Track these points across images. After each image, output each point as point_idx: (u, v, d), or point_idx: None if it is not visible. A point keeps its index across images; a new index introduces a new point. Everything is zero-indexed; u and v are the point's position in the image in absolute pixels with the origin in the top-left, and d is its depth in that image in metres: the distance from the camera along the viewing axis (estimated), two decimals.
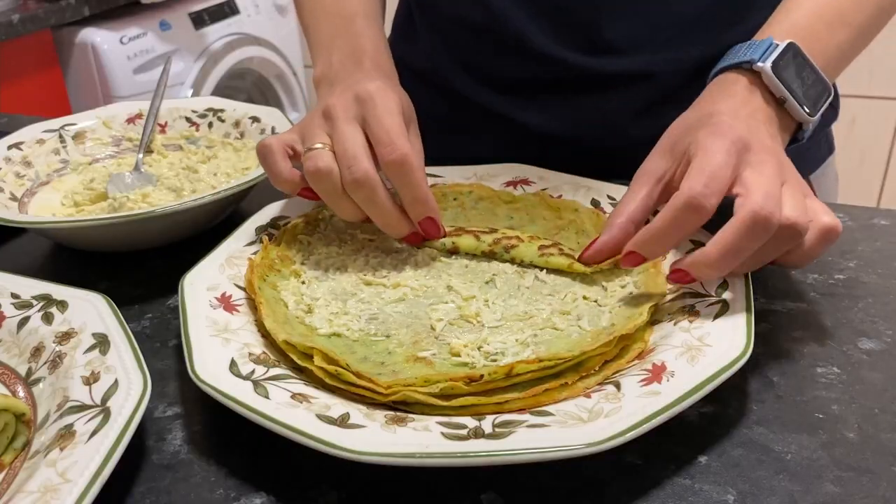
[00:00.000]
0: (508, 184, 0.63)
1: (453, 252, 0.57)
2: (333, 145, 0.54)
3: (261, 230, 0.58)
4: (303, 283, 0.54)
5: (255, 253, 0.55)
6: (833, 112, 0.81)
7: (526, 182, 0.63)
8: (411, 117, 0.58)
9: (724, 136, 0.48)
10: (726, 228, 0.45)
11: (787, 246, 0.47)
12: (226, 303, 0.50)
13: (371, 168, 0.52)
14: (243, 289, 0.52)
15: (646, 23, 0.70)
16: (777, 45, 0.53)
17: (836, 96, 0.80)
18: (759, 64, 0.52)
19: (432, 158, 0.60)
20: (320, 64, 0.63)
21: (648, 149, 0.53)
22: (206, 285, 0.51)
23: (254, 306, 0.50)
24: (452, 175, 0.65)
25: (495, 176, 0.64)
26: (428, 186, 0.54)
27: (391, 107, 0.54)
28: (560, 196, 0.61)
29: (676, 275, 0.48)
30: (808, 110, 0.53)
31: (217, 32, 2.23)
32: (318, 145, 0.53)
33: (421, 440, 0.38)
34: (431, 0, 0.79)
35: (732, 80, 0.54)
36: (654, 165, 0.51)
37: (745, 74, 0.53)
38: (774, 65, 0.52)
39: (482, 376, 0.41)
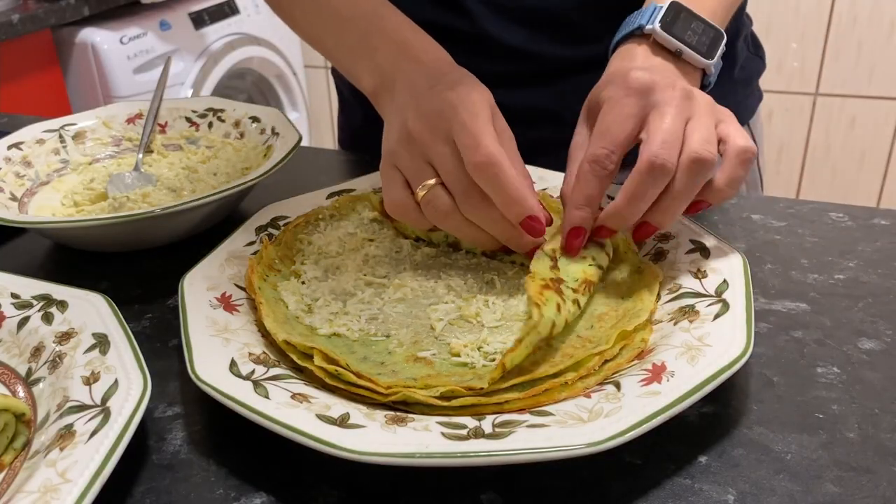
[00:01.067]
0: None
1: (454, 247, 0.57)
2: (437, 170, 0.51)
3: (261, 230, 0.58)
4: (303, 283, 0.54)
5: (255, 253, 0.55)
6: (762, 63, 0.87)
7: None
8: (494, 106, 0.54)
9: (626, 86, 0.50)
10: (629, 177, 0.48)
11: (701, 178, 0.48)
12: (226, 303, 0.50)
13: (494, 148, 0.49)
14: (243, 289, 0.52)
15: (620, 10, 0.68)
16: (661, 7, 0.56)
17: (759, 46, 0.86)
18: (649, 27, 0.55)
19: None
20: (366, 74, 0.59)
21: None
22: (206, 285, 0.51)
23: (254, 306, 0.50)
24: None
25: None
26: (524, 183, 0.50)
27: (475, 107, 0.50)
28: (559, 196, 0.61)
29: (599, 231, 0.51)
30: (704, 56, 0.56)
31: (217, 32, 2.23)
32: (431, 182, 0.51)
33: (421, 440, 0.38)
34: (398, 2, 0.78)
35: (631, 48, 0.57)
36: (578, 138, 0.54)
37: (640, 41, 0.56)
38: (662, 23, 0.55)
39: (482, 389, 0.42)
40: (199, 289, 0.50)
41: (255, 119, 0.75)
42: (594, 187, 0.50)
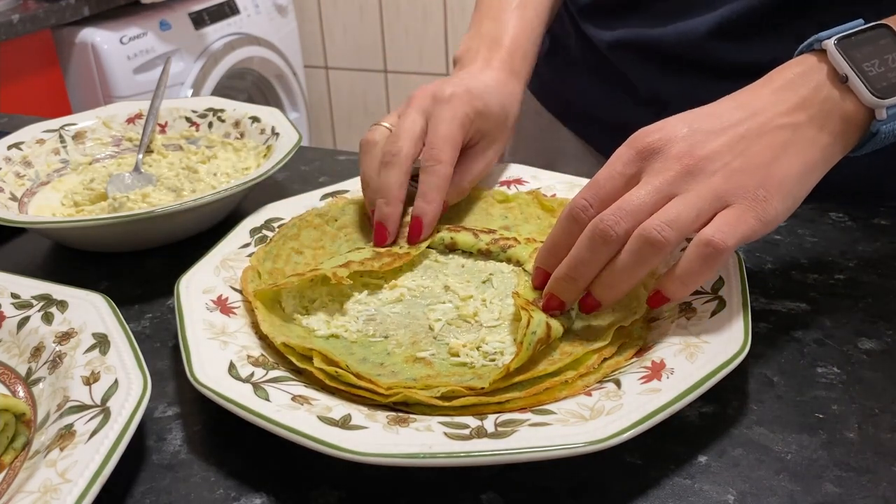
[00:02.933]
0: (502, 183, 0.63)
1: (451, 248, 0.57)
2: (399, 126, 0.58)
3: (255, 231, 0.57)
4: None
5: (250, 255, 0.55)
6: None
7: (519, 182, 0.63)
8: (488, 131, 0.61)
9: (633, 143, 0.46)
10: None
11: (644, 258, 0.43)
12: (222, 305, 0.50)
13: (407, 149, 0.56)
14: (239, 291, 0.52)
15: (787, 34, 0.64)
16: (860, 23, 0.47)
17: None
18: (826, 41, 0.47)
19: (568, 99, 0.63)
20: (464, 44, 0.68)
21: None
22: (201, 288, 0.50)
23: (251, 308, 0.50)
24: None
25: (489, 175, 0.64)
26: (442, 199, 0.57)
27: (456, 115, 0.58)
28: (554, 195, 0.61)
29: (548, 302, 0.47)
30: (875, 92, 0.45)
31: (217, 32, 2.23)
32: (385, 124, 0.59)
33: (424, 440, 0.38)
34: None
35: (793, 63, 0.48)
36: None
37: (813, 56, 0.48)
38: (842, 40, 0.46)
39: (482, 389, 0.42)
40: (194, 292, 0.50)
41: (255, 119, 0.75)
42: (562, 237, 0.47)
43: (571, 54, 0.84)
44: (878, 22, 0.48)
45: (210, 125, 0.78)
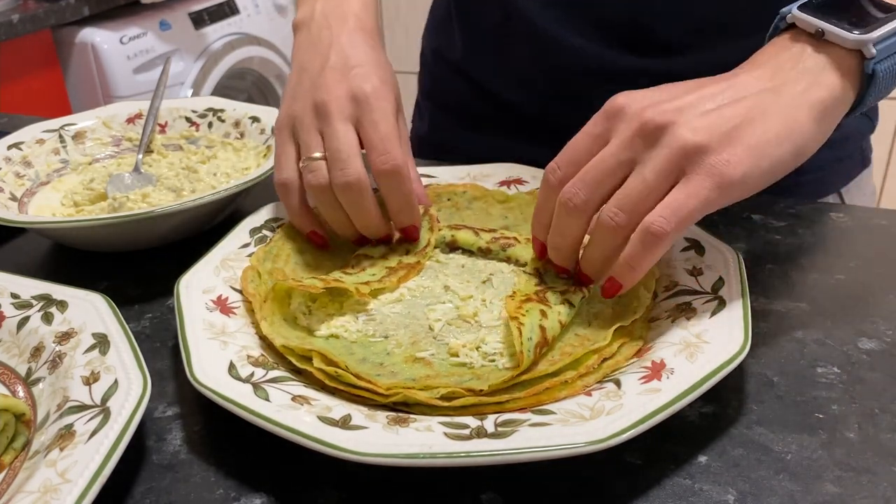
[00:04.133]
0: (502, 183, 0.63)
1: (452, 246, 0.57)
2: (325, 144, 0.54)
3: (255, 231, 0.57)
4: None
5: (250, 255, 0.55)
6: (868, 122, 0.77)
7: (519, 181, 0.63)
8: (399, 107, 0.58)
9: (605, 105, 0.46)
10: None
11: (610, 243, 0.45)
12: (222, 305, 0.50)
13: (362, 172, 0.52)
14: (239, 291, 0.51)
15: (700, 23, 0.67)
16: None
17: (874, 107, 0.72)
18: (790, 14, 0.47)
19: (458, 150, 0.59)
20: (303, 9, 0.63)
21: None
22: (201, 288, 0.50)
23: (251, 308, 0.50)
24: (446, 175, 0.65)
25: (489, 176, 0.64)
26: (416, 206, 0.55)
27: (387, 110, 0.54)
28: None
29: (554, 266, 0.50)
30: (855, 32, 0.44)
31: (217, 32, 2.23)
32: (316, 155, 0.54)
33: (424, 440, 0.38)
34: (466, 7, 0.79)
35: (769, 46, 0.48)
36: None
37: (783, 34, 0.47)
38: (807, 5, 0.46)
39: (482, 390, 0.42)
40: (194, 292, 0.50)
41: (255, 119, 0.75)
42: (545, 201, 0.48)
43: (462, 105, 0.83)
44: None
45: (210, 125, 0.78)
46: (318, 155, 0.54)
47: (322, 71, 0.56)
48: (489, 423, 0.39)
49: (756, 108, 0.43)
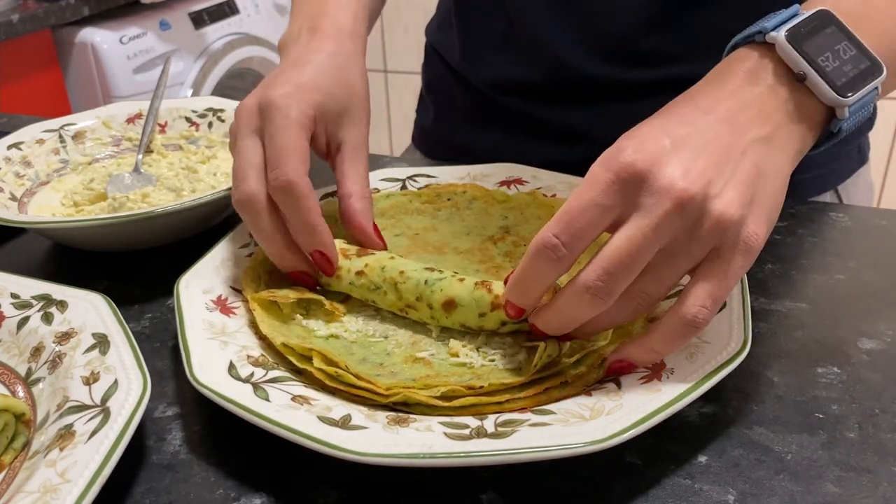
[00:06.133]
0: (502, 183, 0.63)
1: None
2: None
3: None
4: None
5: (250, 255, 0.55)
6: (867, 120, 0.74)
7: (519, 182, 0.63)
8: (342, 118, 0.54)
9: (615, 167, 0.39)
10: (566, 291, 0.41)
11: (632, 317, 0.42)
12: (222, 305, 0.50)
13: (253, 190, 0.49)
14: (239, 291, 0.51)
15: (678, 36, 0.68)
16: (802, 13, 0.44)
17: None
18: (773, 34, 0.43)
19: (460, 147, 0.58)
20: (288, 28, 0.60)
21: None
22: (201, 288, 0.50)
23: (250, 308, 0.49)
24: (446, 175, 0.65)
25: (489, 176, 0.64)
26: (319, 215, 0.49)
27: (291, 118, 0.50)
28: (554, 195, 0.61)
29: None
30: (836, 90, 0.42)
31: (217, 32, 2.23)
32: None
33: (424, 440, 0.38)
34: (465, 7, 0.79)
35: (738, 59, 0.44)
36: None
37: (757, 49, 0.44)
38: (792, 34, 0.42)
39: (482, 387, 0.42)
40: (194, 292, 0.50)
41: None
42: (534, 275, 0.41)
43: (456, 103, 0.82)
44: (817, 9, 0.44)
45: (210, 125, 0.78)
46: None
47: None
48: (489, 423, 0.39)
49: (761, 164, 0.41)
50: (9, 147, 0.72)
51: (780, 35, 0.42)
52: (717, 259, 0.39)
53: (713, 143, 0.40)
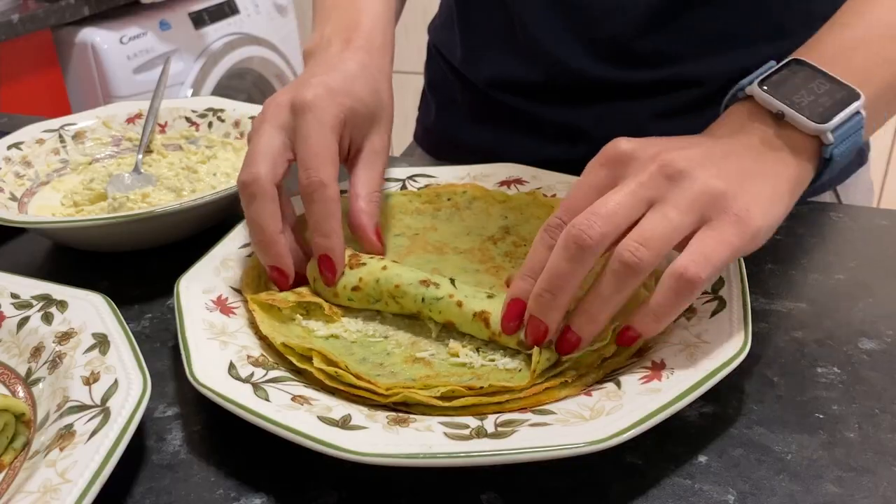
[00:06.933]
0: (502, 183, 0.63)
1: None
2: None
3: None
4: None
5: (250, 255, 0.55)
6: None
7: (520, 181, 0.63)
8: (368, 125, 0.56)
9: (604, 154, 0.44)
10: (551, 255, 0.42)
11: (627, 284, 0.40)
12: (222, 305, 0.50)
13: (266, 173, 0.49)
14: (239, 291, 0.51)
15: (675, 37, 0.68)
16: (774, 64, 0.48)
17: None
18: (748, 88, 0.47)
19: (461, 145, 0.58)
20: (315, 35, 0.61)
21: None
22: (201, 288, 0.50)
23: (251, 308, 0.49)
24: (446, 175, 0.65)
25: (489, 175, 0.64)
26: (339, 222, 0.50)
27: (324, 121, 0.51)
28: (554, 195, 0.61)
29: (530, 328, 0.44)
30: (812, 120, 0.45)
31: (217, 32, 2.23)
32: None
33: (424, 440, 0.38)
34: (466, 7, 0.79)
35: (726, 116, 0.49)
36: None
37: (742, 105, 0.48)
38: (765, 81, 0.47)
39: (482, 387, 0.42)
40: (194, 292, 0.50)
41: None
42: (540, 259, 0.43)
43: (457, 102, 0.83)
44: (788, 59, 0.48)
45: (210, 125, 0.78)
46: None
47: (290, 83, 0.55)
48: (489, 423, 0.39)
49: (748, 168, 0.43)
50: (9, 147, 0.72)
51: (755, 86, 0.47)
52: (707, 227, 0.41)
53: (700, 145, 0.44)
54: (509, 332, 0.45)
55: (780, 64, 0.48)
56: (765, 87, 0.46)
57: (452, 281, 0.49)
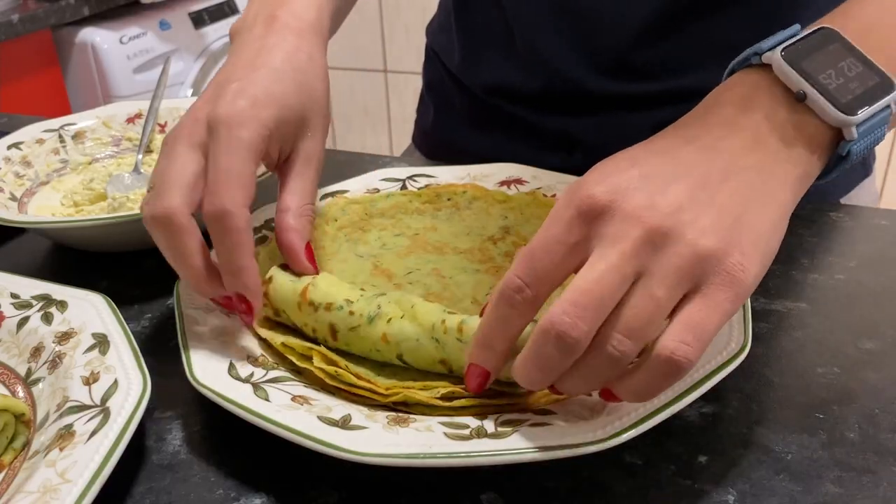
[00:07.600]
0: (502, 183, 0.63)
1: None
2: None
3: (255, 231, 0.57)
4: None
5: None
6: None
7: (520, 182, 0.63)
8: (298, 129, 0.49)
9: (577, 198, 0.36)
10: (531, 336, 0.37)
11: (608, 373, 0.36)
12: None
13: (178, 204, 0.43)
14: None
15: (676, 48, 0.68)
16: (802, 32, 0.41)
17: None
18: (769, 54, 0.40)
19: (458, 149, 0.58)
20: (243, 13, 0.55)
21: None
22: None
23: None
24: (446, 175, 0.65)
25: (489, 176, 0.64)
26: (248, 254, 0.44)
27: (241, 139, 0.45)
28: (554, 195, 0.61)
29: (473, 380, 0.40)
30: (841, 108, 0.38)
31: (217, 32, 2.23)
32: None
33: (424, 440, 0.38)
34: (464, 12, 0.79)
35: (732, 84, 0.42)
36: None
37: (753, 72, 0.41)
38: (790, 52, 0.39)
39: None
40: (194, 292, 0.50)
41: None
42: (496, 325, 0.38)
43: (455, 107, 0.82)
44: (819, 25, 0.41)
45: None
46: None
47: (210, 84, 0.49)
48: (489, 423, 0.39)
49: (746, 191, 0.37)
50: (9, 147, 0.72)
51: (776, 54, 0.40)
52: (697, 293, 0.35)
53: (689, 171, 0.37)
54: (475, 392, 0.41)
55: (808, 31, 0.41)
56: (787, 58, 0.39)
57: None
